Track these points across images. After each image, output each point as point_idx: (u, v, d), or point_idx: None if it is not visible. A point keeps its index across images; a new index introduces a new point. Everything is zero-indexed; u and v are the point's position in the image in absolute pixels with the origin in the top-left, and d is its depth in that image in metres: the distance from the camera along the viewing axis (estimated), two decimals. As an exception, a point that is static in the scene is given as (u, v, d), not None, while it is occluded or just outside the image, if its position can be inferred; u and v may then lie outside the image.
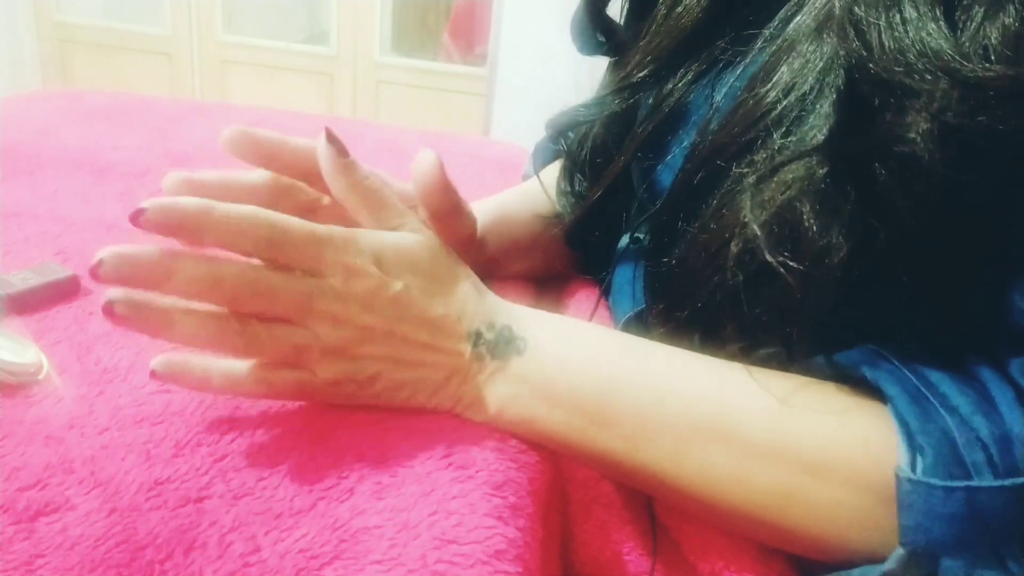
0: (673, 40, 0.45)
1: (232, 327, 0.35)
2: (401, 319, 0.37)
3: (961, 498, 0.29)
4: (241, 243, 0.34)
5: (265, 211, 0.35)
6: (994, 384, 0.31)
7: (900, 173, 0.31)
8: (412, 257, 0.38)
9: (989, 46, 0.30)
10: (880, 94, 0.32)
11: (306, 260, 0.35)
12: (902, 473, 0.30)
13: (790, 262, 0.34)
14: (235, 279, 0.34)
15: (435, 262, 0.39)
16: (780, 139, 0.35)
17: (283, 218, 0.35)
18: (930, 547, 0.29)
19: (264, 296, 0.35)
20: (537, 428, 0.38)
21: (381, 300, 0.36)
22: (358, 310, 0.36)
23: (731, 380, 0.35)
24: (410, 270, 0.37)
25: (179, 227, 0.33)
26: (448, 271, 0.39)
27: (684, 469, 0.35)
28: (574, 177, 0.58)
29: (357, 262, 0.36)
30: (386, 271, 0.37)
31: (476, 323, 0.38)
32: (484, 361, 0.38)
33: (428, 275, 0.38)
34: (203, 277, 0.34)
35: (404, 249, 0.38)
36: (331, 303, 0.36)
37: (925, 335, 0.33)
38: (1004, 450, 0.29)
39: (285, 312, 0.36)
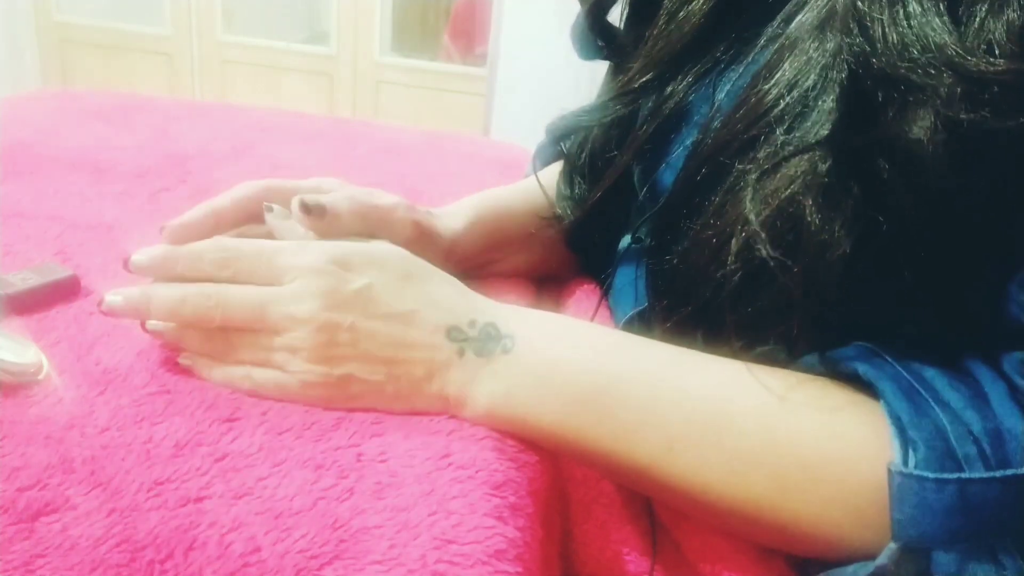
0: (675, 45, 0.45)
1: (207, 337, 0.40)
2: (367, 315, 0.37)
3: (953, 490, 0.29)
4: (201, 269, 0.40)
5: (220, 238, 0.41)
6: (987, 379, 0.31)
7: (903, 168, 0.31)
8: (378, 257, 0.39)
9: (993, 41, 0.30)
10: (884, 89, 0.32)
11: (259, 271, 0.39)
12: (894, 468, 0.30)
13: (791, 258, 0.34)
14: (194, 297, 0.39)
15: (405, 262, 0.40)
16: (783, 135, 0.35)
17: (234, 241, 0.41)
18: (922, 540, 0.29)
19: (220, 307, 0.39)
20: (529, 426, 0.38)
21: (343, 296, 0.37)
22: (318, 308, 0.37)
23: (723, 377, 0.35)
24: (377, 268, 0.38)
25: (156, 268, 0.41)
26: (420, 270, 0.40)
27: (676, 466, 0.35)
28: (574, 180, 0.58)
29: (314, 261, 0.38)
30: (348, 268, 0.38)
31: (454, 318, 0.38)
32: (466, 358, 0.38)
33: (398, 273, 0.39)
34: (171, 299, 0.39)
35: (371, 250, 0.40)
36: (287, 305, 0.38)
37: (922, 330, 0.34)
38: (996, 443, 0.29)
39: (243, 321, 0.39)
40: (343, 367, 0.37)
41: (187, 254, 0.40)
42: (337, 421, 0.37)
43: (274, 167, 0.77)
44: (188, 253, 0.40)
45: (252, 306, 0.38)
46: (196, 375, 0.40)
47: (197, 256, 0.40)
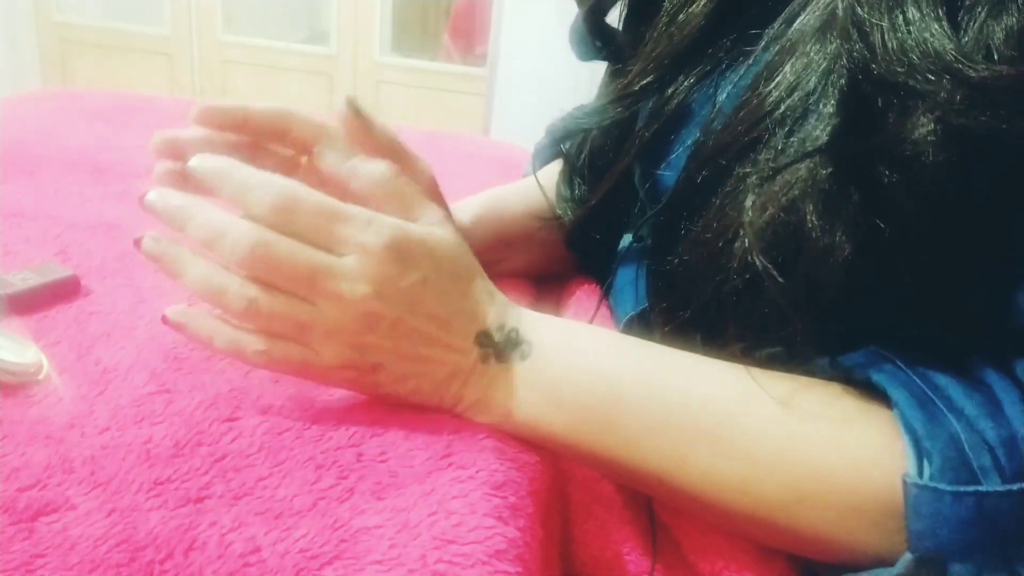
0: (676, 47, 0.45)
1: (234, 287, 0.35)
2: (412, 311, 0.36)
3: (970, 503, 0.29)
4: (249, 203, 0.35)
5: (280, 178, 0.36)
6: (999, 385, 0.31)
7: (904, 174, 0.31)
8: (435, 252, 0.37)
9: (992, 46, 0.30)
10: (883, 95, 0.32)
11: (316, 232, 0.35)
12: (909, 479, 0.30)
13: (792, 263, 0.34)
14: (238, 235, 0.34)
15: (457, 259, 0.38)
16: (783, 139, 0.35)
17: (295, 186, 0.35)
18: (939, 552, 0.29)
19: (267, 260, 0.35)
20: (542, 432, 0.38)
21: (395, 288, 0.36)
22: (369, 295, 0.35)
23: (738, 384, 0.35)
24: (432, 263, 0.37)
25: (207, 175, 0.36)
26: (466, 269, 0.39)
27: (689, 473, 0.34)
28: (574, 182, 0.58)
29: (375, 244, 0.35)
30: (405, 259, 0.36)
31: (487, 323, 0.38)
32: (488, 363, 0.38)
33: (448, 272, 0.37)
34: (212, 227, 0.35)
35: (430, 241, 0.37)
36: (340, 282, 0.35)
37: (929, 336, 0.33)
38: (1011, 454, 0.29)
39: (289, 284, 0.35)
40: (375, 356, 0.37)
41: (239, 179, 0.36)
42: (337, 421, 0.37)
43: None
44: (241, 179, 0.36)
45: (303, 268, 0.35)
46: (196, 374, 0.40)
47: (248, 187, 0.35)
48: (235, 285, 0.35)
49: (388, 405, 0.39)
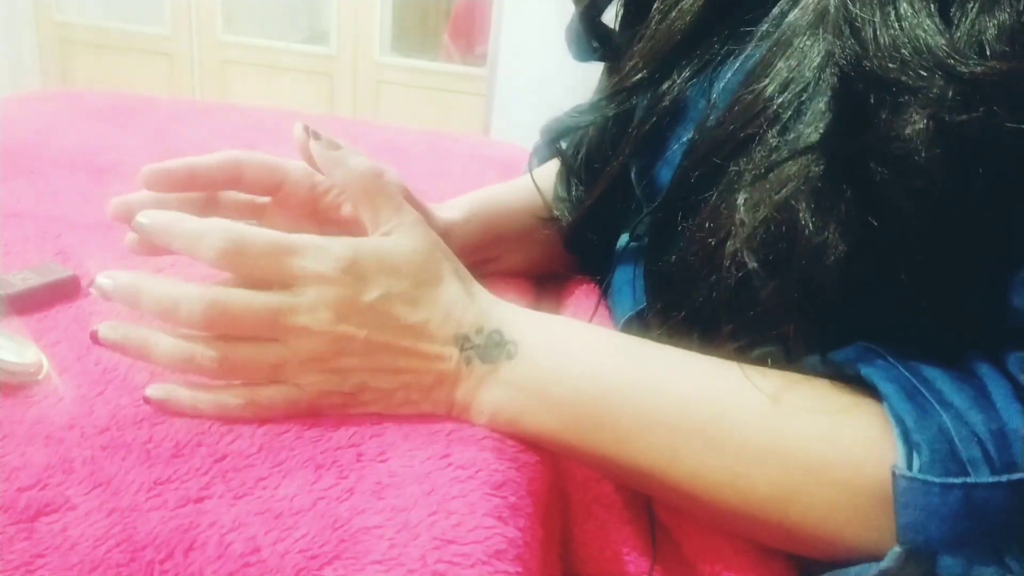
0: (668, 43, 0.45)
1: (199, 349, 0.36)
2: (380, 327, 0.36)
3: (959, 495, 0.29)
4: (200, 252, 0.36)
5: (227, 222, 0.36)
6: (990, 379, 0.31)
7: (897, 171, 0.31)
8: (393, 261, 0.37)
9: (984, 42, 0.30)
10: (876, 91, 0.32)
11: (269, 269, 0.36)
12: (898, 471, 0.30)
13: (786, 262, 0.34)
14: (190, 302, 0.35)
15: (419, 265, 0.38)
16: (777, 136, 0.35)
17: (241, 228, 0.36)
18: (928, 545, 0.29)
19: (224, 316, 0.35)
20: (532, 431, 0.38)
21: (356, 308, 0.36)
22: (332, 320, 0.36)
23: (728, 380, 0.35)
24: (390, 275, 0.37)
25: (155, 234, 0.36)
26: (433, 274, 0.38)
27: (680, 470, 0.35)
28: (571, 182, 0.58)
29: (328, 270, 0.36)
30: (361, 278, 0.36)
31: (463, 327, 0.38)
32: (473, 365, 0.38)
33: (411, 279, 0.37)
34: (163, 299, 0.36)
35: (383, 253, 0.37)
36: (302, 315, 0.36)
37: (922, 331, 0.33)
38: (1001, 446, 0.29)
39: (252, 330, 0.36)
40: (356, 377, 0.37)
41: (186, 231, 0.36)
42: (337, 421, 0.37)
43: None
44: (188, 230, 0.36)
45: (263, 314, 0.35)
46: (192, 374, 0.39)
47: (198, 235, 0.36)
48: (200, 349, 0.36)
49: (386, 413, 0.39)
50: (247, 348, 0.36)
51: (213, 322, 0.35)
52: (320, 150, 0.40)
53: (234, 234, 0.36)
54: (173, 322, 0.36)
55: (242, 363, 0.36)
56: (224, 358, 0.36)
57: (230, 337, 0.36)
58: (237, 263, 0.36)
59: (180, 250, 0.36)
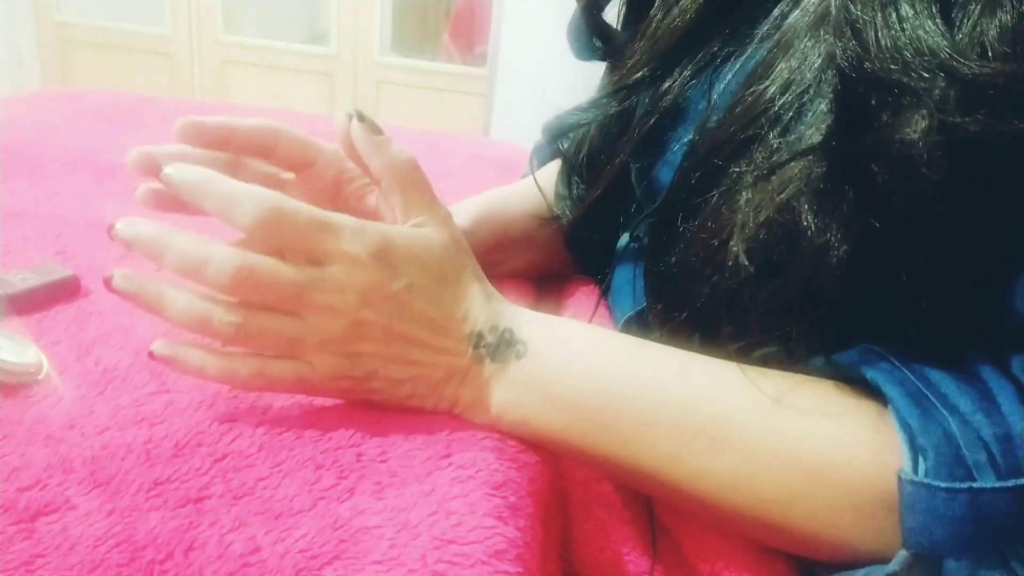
0: (670, 41, 0.45)
1: (219, 314, 0.35)
2: (401, 317, 0.36)
3: (965, 500, 0.29)
4: (234, 216, 0.34)
5: (265, 190, 0.35)
6: (995, 382, 0.31)
7: (898, 172, 0.31)
8: (422, 254, 0.37)
9: (986, 43, 0.30)
10: (877, 93, 0.32)
11: (304, 245, 0.35)
12: (904, 475, 0.30)
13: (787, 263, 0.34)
14: (221, 262, 0.34)
15: (445, 261, 0.38)
16: (778, 137, 0.35)
17: (280, 199, 0.35)
18: (933, 549, 0.29)
19: (251, 283, 0.34)
20: (537, 431, 0.38)
21: (381, 295, 0.36)
22: (356, 304, 0.35)
23: (731, 382, 0.35)
24: (417, 267, 0.37)
25: (185, 189, 0.35)
26: (457, 271, 0.39)
27: (683, 471, 0.35)
28: (572, 180, 0.58)
29: (359, 253, 0.35)
30: (391, 266, 0.36)
31: (479, 325, 0.38)
32: (483, 363, 0.38)
33: (436, 274, 0.38)
34: (192, 255, 0.34)
35: (415, 245, 0.37)
36: (328, 294, 0.35)
37: (925, 333, 0.33)
38: (1006, 450, 0.29)
39: (276, 302, 0.35)
40: (369, 364, 0.37)
41: (224, 192, 0.35)
42: (337, 421, 0.37)
43: (274, 167, 0.77)
44: (225, 192, 0.35)
45: (289, 286, 0.35)
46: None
47: (233, 199, 0.34)
48: (220, 312, 0.35)
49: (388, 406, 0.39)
50: (267, 318, 0.36)
51: (240, 285, 0.34)
52: (362, 133, 0.39)
53: (275, 202, 0.35)
54: (198, 279, 0.35)
55: (259, 332, 0.36)
56: (242, 324, 0.35)
57: (251, 304, 0.36)
58: (273, 232, 0.35)
59: (212, 210, 0.35)
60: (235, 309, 0.35)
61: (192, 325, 0.35)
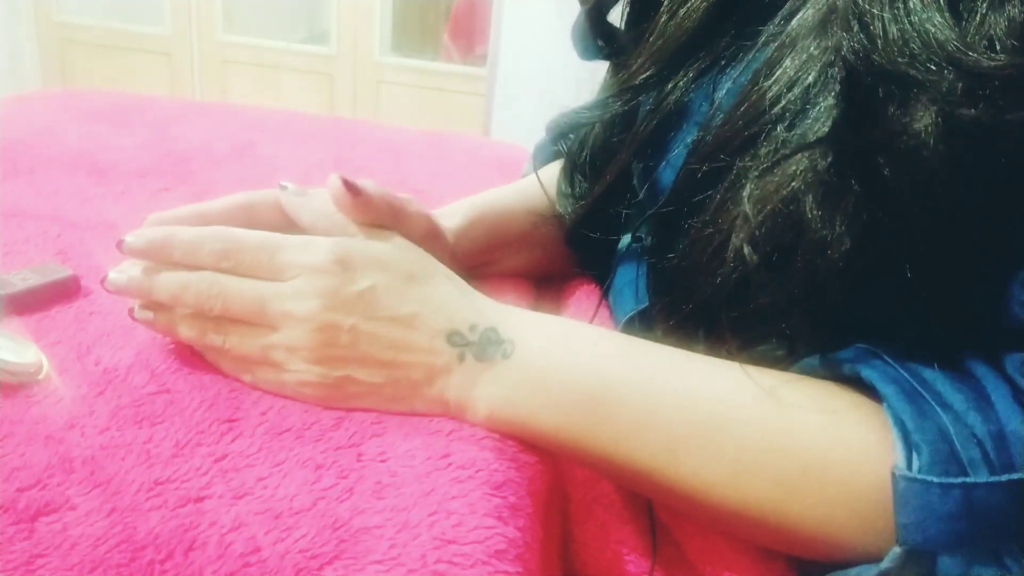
0: (676, 42, 0.45)
1: (209, 329, 0.39)
2: (367, 317, 0.37)
3: (958, 495, 0.29)
4: (200, 258, 0.39)
5: (223, 228, 0.40)
6: (989, 380, 0.31)
7: (904, 165, 0.31)
8: (382, 256, 0.39)
9: (994, 36, 0.30)
10: (884, 86, 0.32)
11: (261, 265, 0.38)
12: (898, 472, 0.30)
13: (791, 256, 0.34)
14: (197, 283, 0.38)
15: (409, 261, 0.39)
16: (783, 133, 0.35)
17: (236, 231, 0.39)
18: (927, 545, 0.29)
19: (219, 298, 0.38)
20: (529, 430, 0.38)
21: (344, 297, 0.37)
22: (319, 308, 0.37)
23: (726, 379, 0.35)
24: (378, 268, 0.38)
25: (152, 253, 0.39)
26: (424, 271, 0.39)
27: (678, 469, 0.34)
28: (574, 178, 0.58)
29: (317, 260, 0.38)
30: (351, 269, 0.37)
31: (455, 323, 0.38)
32: (466, 363, 0.38)
33: (401, 274, 0.38)
34: (174, 285, 0.39)
35: (374, 248, 0.39)
36: (289, 302, 0.37)
37: (923, 331, 0.33)
38: (999, 447, 0.29)
39: (242, 314, 0.38)
40: (342, 369, 0.37)
41: (185, 241, 0.39)
42: (337, 421, 0.37)
43: (274, 167, 0.78)
44: (187, 241, 0.39)
45: (252, 300, 0.38)
46: (196, 374, 0.40)
47: (196, 244, 0.39)
48: (210, 328, 0.39)
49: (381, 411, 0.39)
50: (243, 331, 0.39)
51: (215, 302, 0.38)
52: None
53: (229, 234, 0.39)
54: (182, 304, 0.39)
55: (238, 346, 0.39)
56: (224, 340, 0.39)
57: (234, 320, 0.39)
58: (236, 262, 0.38)
59: (181, 260, 0.39)
60: (221, 327, 0.39)
61: (196, 341, 0.40)
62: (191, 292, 0.38)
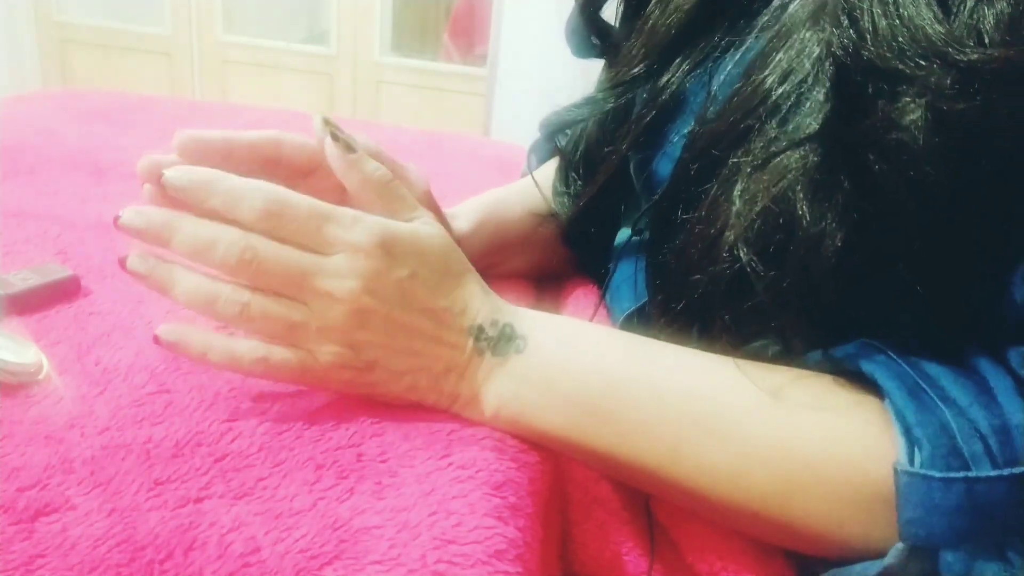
0: (667, 35, 0.45)
1: (225, 294, 0.36)
2: (403, 306, 0.37)
3: (960, 489, 0.29)
4: (241, 211, 0.35)
5: (272, 185, 0.36)
6: (992, 374, 0.31)
7: (894, 160, 0.31)
8: (424, 247, 0.38)
9: (983, 31, 0.30)
10: (874, 81, 0.32)
11: (307, 235, 0.36)
12: (900, 467, 0.30)
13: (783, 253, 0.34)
14: (229, 244, 0.35)
15: (446, 256, 0.39)
16: (776, 127, 0.35)
17: (285, 192, 0.36)
18: (930, 540, 0.29)
19: (255, 265, 0.35)
20: (535, 426, 0.38)
21: (384, 283, 0.36)
22: (359, 290, 0.35)
23: (730, 376, 0.35)
24: (418, 258, 0.37)
25: (192, 191, 0.35)
26: (458, 266, 0.39)
27: (683, 465, 0.35)
28: (569, 176, 0.58)
29: (363, 241, 0.36)
30: (393, 255, 0.36)
31: (479, 318, 0.38)
32: (484, 357, 0.38)
33: (438, 267, 0.38)
34: (201, 238, 0.35)
35: (417, 238, 0.38)
36: (330, 280, 0.35)
37: (922, 326, 0.33)
38: (1003, 440, 0.29)
39: (280, 286, 0.36)
40: (370, 353, 0.37)
41: (229, 188, 0.35)
42: (337, 421, 0.37)
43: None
44: (231, 187, 0.35)
45: (293, 270, 0.35)
46: (196, 374, 0.40)
47: (240, 194, 0.35)
48: (226, 292, 0.36)
49: (388, 404, 0.39)
50: (271, 302, 0.36)
51: (245, 267, 0.35)
52: (335, 152, 0.39)
53: (278, 195, 0.36)
54: (206, 261, 0.35)
55: (262, 316, 0.36)
56: (247, 304, 0.36)
57: (256, 288, 0.36)
58: (278, 224, 0.35)
59: (217, 207, 0.35)
60: (240, 290, 0.36)
61: (199, 304, 0.36)
62: (220, 248, 0.35)
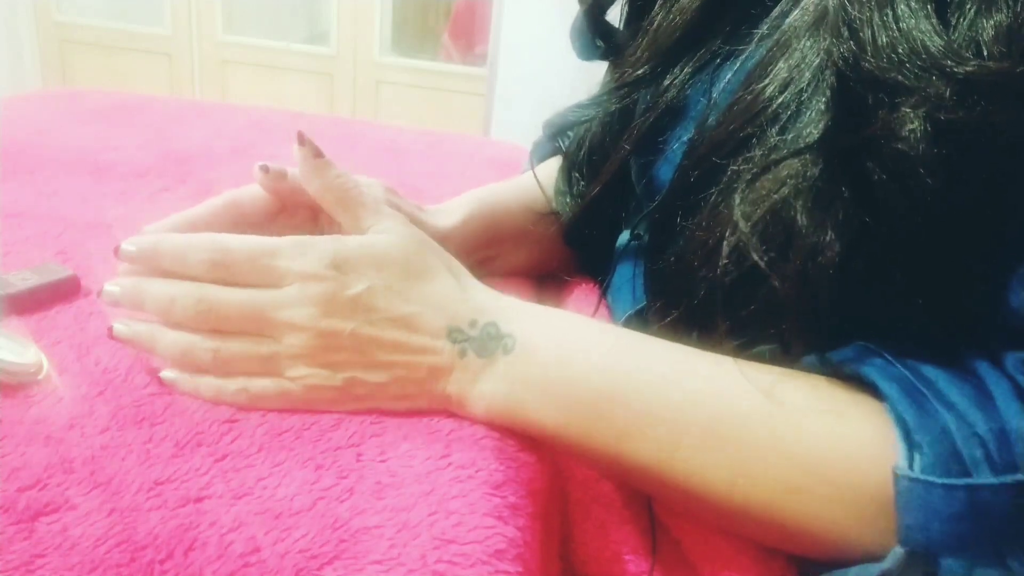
0: (670, 38, 0.45)
1: (197, 344, 0.38)
2: (367, 320, 0.37)
3: (962, 496, 0.29)
4: (190, 267, 0.38)
5: (211, 235, 0.38)
6: (991, 378, 0.31)
7: (893, 170, 0.31)
8: (379, 256, 0.38)
9: (982, 42, 0.30)
10: (873, 92, 0.32)
11: (256, 273, 0.37)
12: (900, 471, 0.30)
13: (782, 260, 0.34)
14: (183, 298, 0.37)
15: (405, 259, 0.38)
16: (776, 136, 0.35)
17: (225, 237, 0.38)
18: (929, 546, 0.29)
19: (213, 313, 0.37)
20: (531, 426, 0.38)
21: (341, 302, 0.36)
22: (317, 315, 0.36)
23: (729, 377, 0.35)
24: (375, 268, 0.37)
25: (142, 258, 0.38)
26: (421, 268, 0.39)
27: (680, 467, 0.34)
28: (572, 177, 0.58)
29: (311, 267, 0.37)
30: (344, 272, 0.37)
31: (456, 320, 0.38)
32: (468, 359, 0.38)
33: (398, 272, 0.38)
34: (160, 298, 0.38)
35: (370, 249, 0.38)
36: (287, 311, 0.37)
37: (921, 331, 0.33)
38: (1002, 445, 0.29)
39: (242, 326, 0.37)
40: (347, 371, 0.37)
41: (172, 249, 0.38)
42: (337, 421, 0.37)
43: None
44: (173, 248, 0.38)
45: (248, 310, 0.37)
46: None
47: (183, 253, 0.38)
48: (197, 342, 0.38)
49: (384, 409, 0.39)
50: (239, 342, 0.38)
51: (204, 316, 0.37)
52: (302, 155, 0.41)
53: (218, 243, 0.38)
54: (172, 318, 0.38)
55: (232, 357, 0.38)
56: (217, 350, 0.37)
57: (224, 333, 0.38)
58: (226, 271, 0.37)
59: (170, 267, 0.38)
60: (209, 338, 0.38)
61: (178, 357, 0.38)
62: (178, 304, 0.37)
